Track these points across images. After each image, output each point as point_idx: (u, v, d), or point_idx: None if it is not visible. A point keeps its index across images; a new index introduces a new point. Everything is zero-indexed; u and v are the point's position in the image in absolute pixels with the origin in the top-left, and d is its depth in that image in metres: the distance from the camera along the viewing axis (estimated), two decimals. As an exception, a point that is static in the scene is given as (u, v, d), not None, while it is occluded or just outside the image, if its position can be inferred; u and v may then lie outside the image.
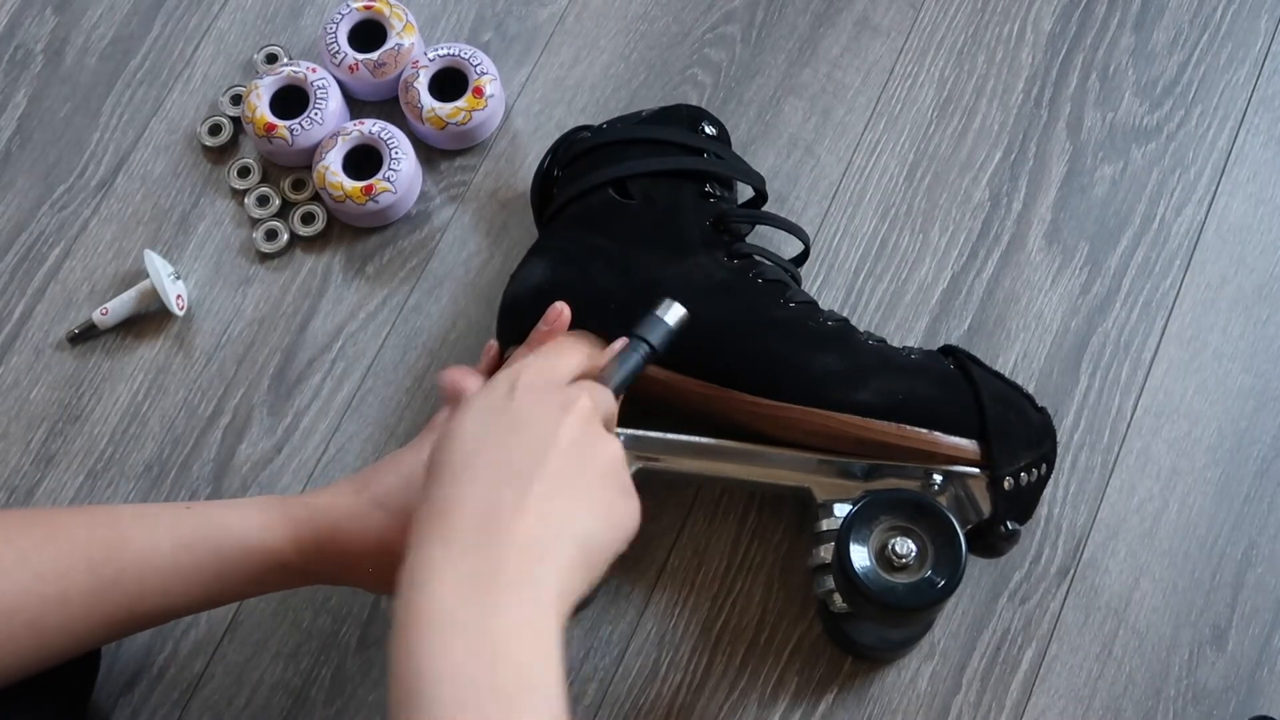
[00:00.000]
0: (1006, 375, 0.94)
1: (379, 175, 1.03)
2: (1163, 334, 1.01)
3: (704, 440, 0.91)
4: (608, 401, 0.78)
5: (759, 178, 0.98)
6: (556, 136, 1.03)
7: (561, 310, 0.87)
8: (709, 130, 0.98)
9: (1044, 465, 0.89)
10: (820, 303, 1.00)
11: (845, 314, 1.02)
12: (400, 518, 0.78)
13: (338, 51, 1.06)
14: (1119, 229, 1.04)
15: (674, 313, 0.84)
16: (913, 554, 0.83)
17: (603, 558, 0.71)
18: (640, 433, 0.91)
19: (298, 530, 0.81)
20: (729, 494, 0.98)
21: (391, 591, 0.68)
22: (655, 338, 0.83)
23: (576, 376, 0.78)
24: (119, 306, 1.03)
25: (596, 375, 0.80)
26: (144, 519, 0.81)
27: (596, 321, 0.90)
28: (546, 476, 0.70)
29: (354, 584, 0.84)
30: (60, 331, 1.04)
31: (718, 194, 0.96)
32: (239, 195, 1.07)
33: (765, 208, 1.00)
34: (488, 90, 1.05)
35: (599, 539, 0.71)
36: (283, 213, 1.06)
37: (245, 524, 0.81)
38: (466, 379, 0.82)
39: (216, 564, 0.80)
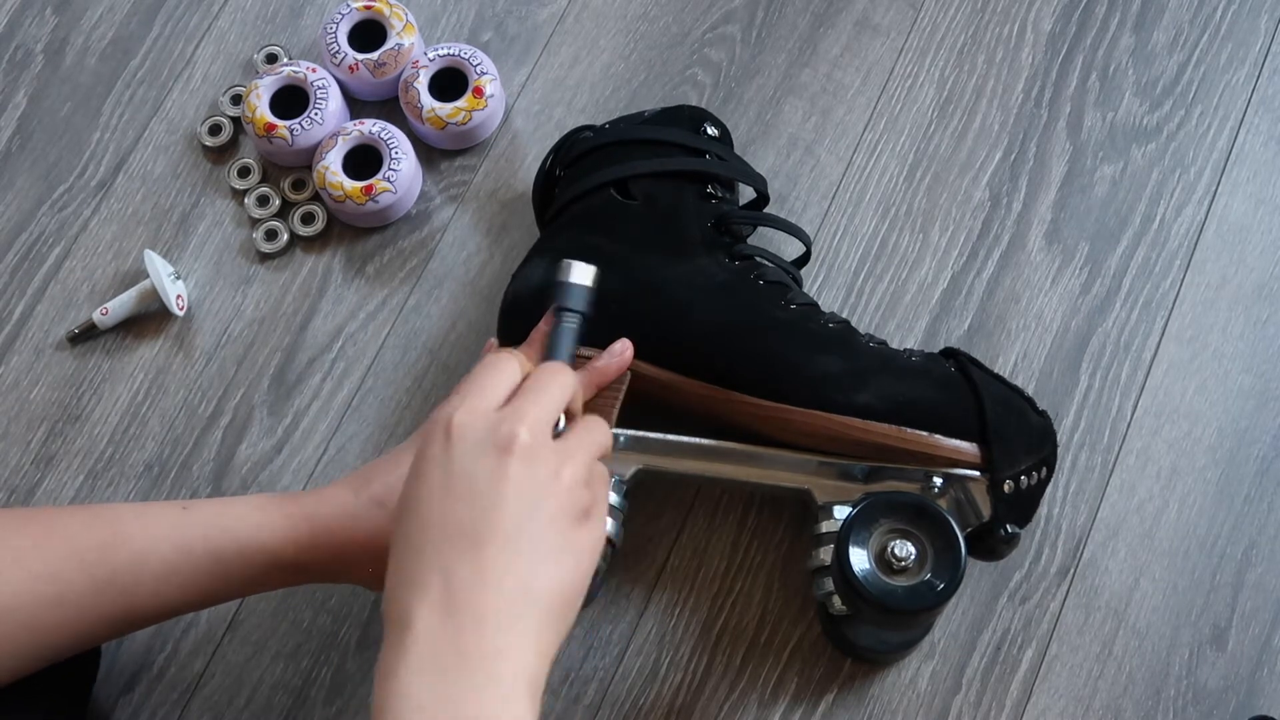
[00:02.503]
0: (1007, 377, 0.94)
1: (379, 175, 1.03)
2: (1163, 334, 1.01)
3: (704, 441, 0.91)
4: (550, 410, 0.73)
5: (760, 179, 0.98)
6: (557, 136, 1.03)
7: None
8: (711, 131, 0.98)
9: (1044, 469, 0.89)
10: (820, 302, 1.00)
11: (845, 314, 1.02)
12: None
13: (338, 51, 1.06)
14: (1119, 229, 1.04)
15: (580, 272, 0.83)
16: (912, 557, 0.83)
17: (574, 599, 0.69)
18: (640, 433, 0.91)
19: (295, 529, 0.81)
20: (729, 495, 0.98)
21: (362, 584, 0.79)
22: (576, 302, 0.82)
23: (512, 391, 0.74)
24: (119, 306, 1.03)
25: (533, 375, 0.75)
26: (141, 519, 0.80)
27: (593, 322, 0.90)
28: (497, 538, 0.67)
29: (353, 582, 0.84)
30: (60, 331, 1.04)
31: (719, 195, 0.96)
32: (239, 195, 1.07)
33: (765, 209, 1.00)
34: (488, 90, 1.05)
35: (566, 584, 0.69)
36: (283, 213, 1.06)
37: (242, 524, 0.80)
38: (485, 381, 0.74)
39: (213, 564, 0.80)
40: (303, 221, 1.06)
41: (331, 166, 1.03)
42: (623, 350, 0.86)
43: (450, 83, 1.06)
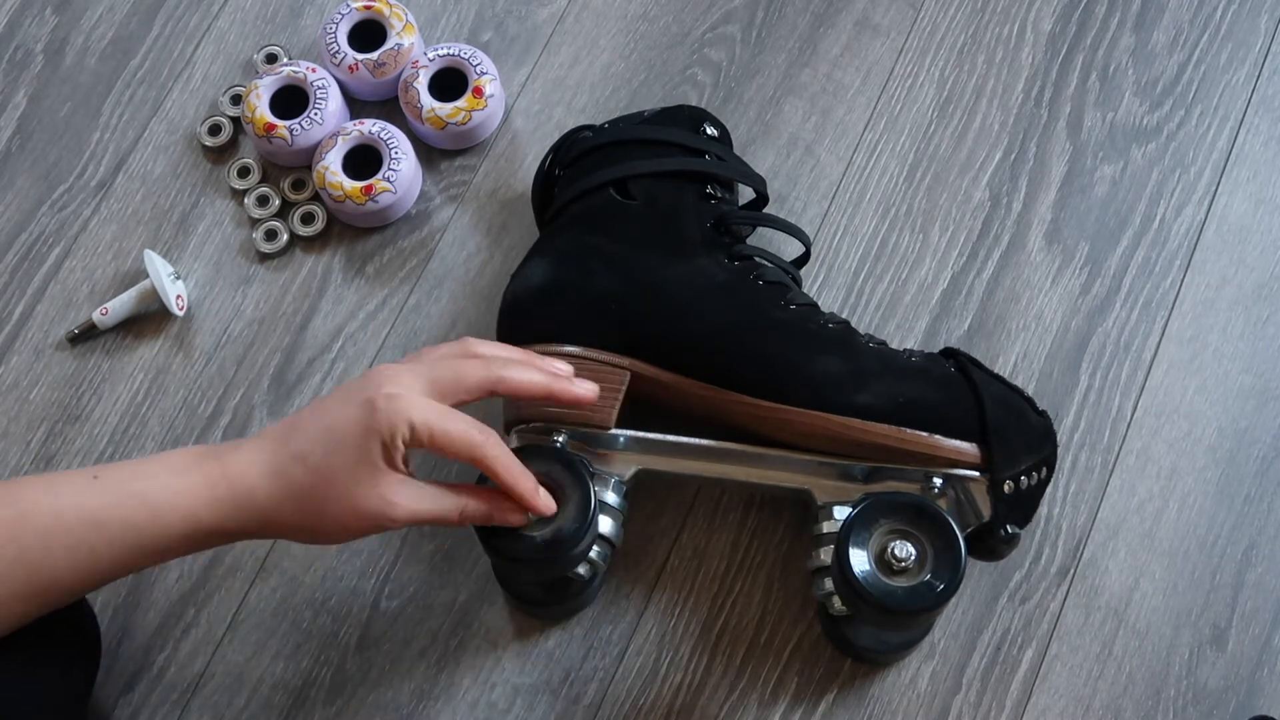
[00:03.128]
0: (1007, 377, 0.94)
1: (379, 175, 1.03)
2: (1163, 334, 1.01)
3: (704, 442, 0.91)
4: (442, 377, 0.80)
5: (760, 180, 0.98)
6: (556, 136, 1.03)
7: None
8: (710, 131, 0.98)
9: (1044, 469, 0.89)
10: (820, 302, 1.00)
11: (845, 314, 1.02)
12: (321, 474, 0.77)
13: (338, 51, 1.06)
14: (1119, 229, 1.04)
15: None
16: (912, 557, 0.83)
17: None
18: (640, 433, 0.91)
19: (213, 490, 0.78)
20: (729, 495, 0.98)
21: (321, 543, 0.81)
22: None
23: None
24: (119, 306, 1.03)
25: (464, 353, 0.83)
26: (49, 493, 0.77)
27: (596, 321, 0.90)
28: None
29: (276, 537, 0.83)
30: (60, 331, 1.04)
31: (719, 195, 0.96)
32: (239, 195, 1.07)
33: (765, 209, 1.00)
34: (488, 90, 1.05)
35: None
36: (283, 213, 1.06)
37: (157, 489, 0.77)
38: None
39: (128, 534, 0.77)
40: (303, 221, 1.06)
41: (331, 166, 1.03)
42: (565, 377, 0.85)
43: (450, 83, 1.06)
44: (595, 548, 0.89)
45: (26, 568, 0.75)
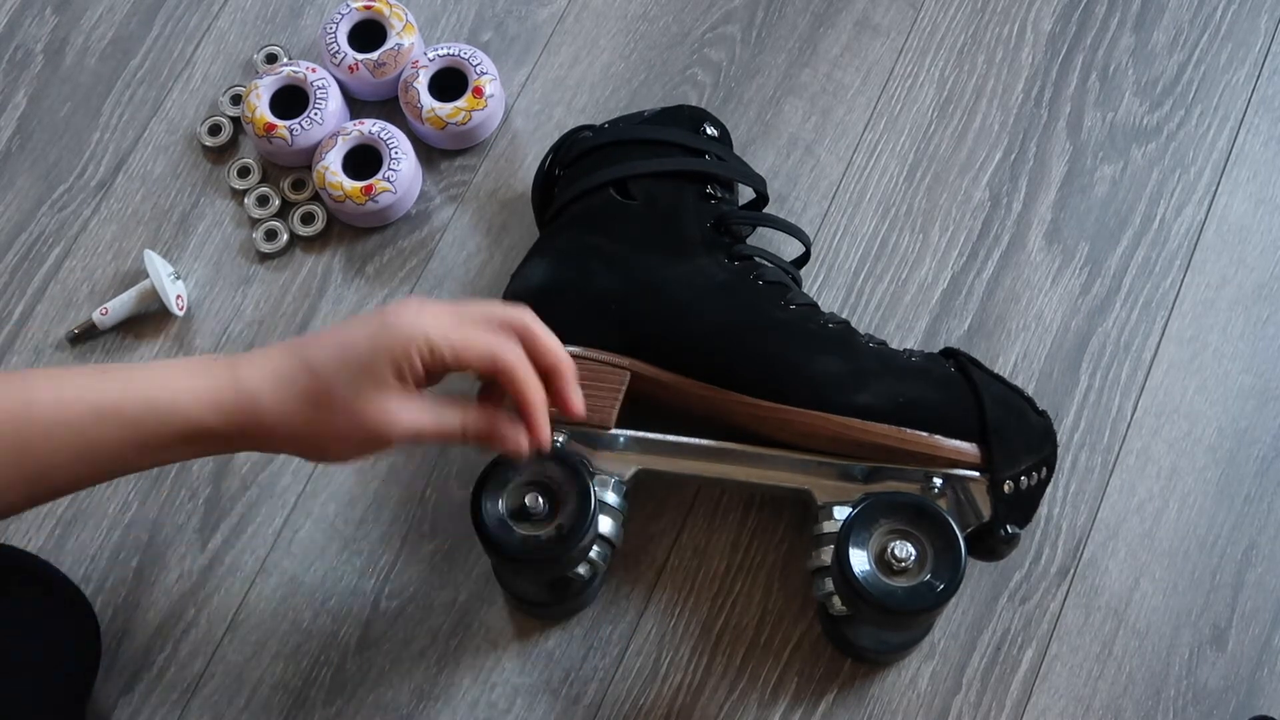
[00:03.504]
0: (1007, 377, 0.94)
1: (379, 175, 1.03)
2: (1163, 334, 1.01)
3: (704, 442, 0.91)
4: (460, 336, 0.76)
5: (760, 180, 0.98)
6: (556, 136, 1.03)
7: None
8: (710, 131, 0.98)
9: (1044, 469, 0.89)
10: (820, 302, 1.00)
11: (845, 314, 1.02)
12: (326, 382, 0.75)
13: (338, 51, 1.06)
14: (1119, 229, 1.04)
15: None
16: (912, 557, 0.83)
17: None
18: (640, 434, 0.91)
19: (218, 395, 0.75)
20: (729, 495, 0.98)
21: (320, 458, 0.78)
22: None
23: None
24: (119, 306, 1.03)
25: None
26: (56, 385, 0.76)
27: (597, 321, 0.90)
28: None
29: (279, 451, 0.82)
30: (60, 331, 1.04)
31: (719, 195, 0.96)
32: (239, 195, 1.07)
33: (765, 208, 1.00)
34: (487, 90, 1.05)
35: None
36: (282, 213, 1.06)
37: (161, 387, 0.76)
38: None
39: (127, 430, 0.75)
40: (302, 221, 1.06)
41: (331, 166, 1.03)
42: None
43: (450, 83, 1.06)
44: (595, 548, 0.89)
45: (28, 455, 0.74)
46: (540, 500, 0.86)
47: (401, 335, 0.75)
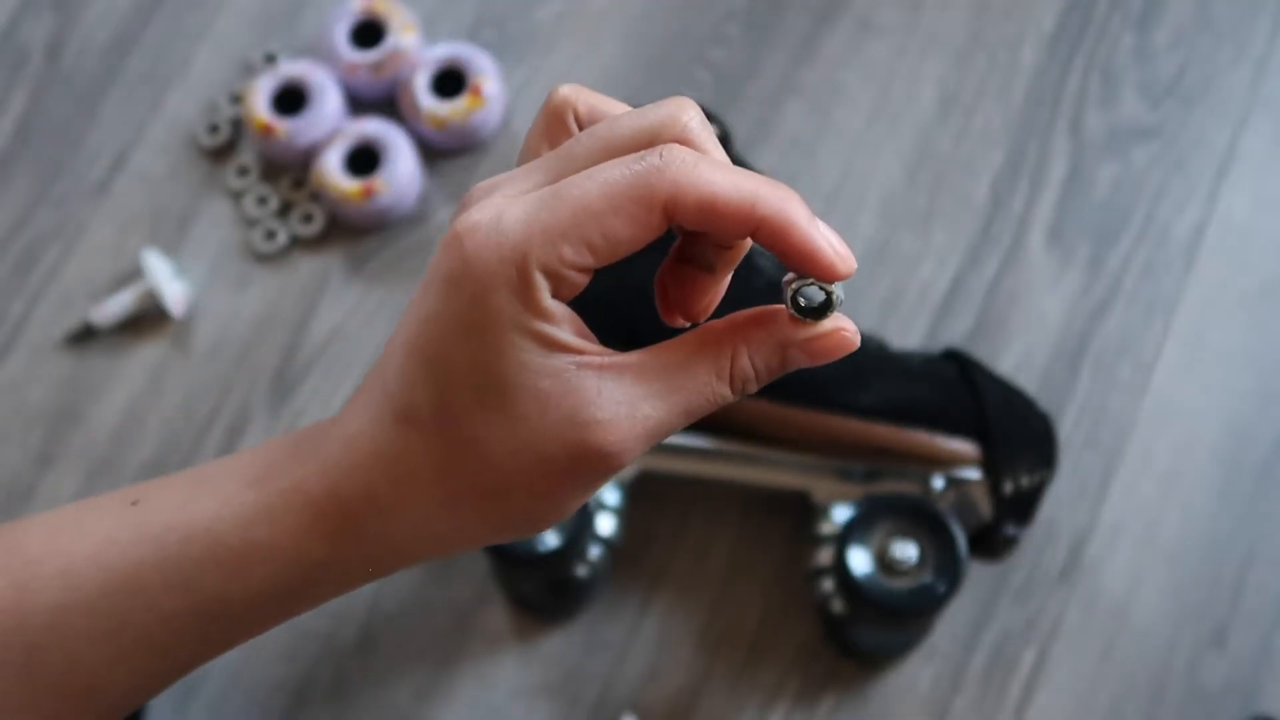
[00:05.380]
0: (1007, 377, 0.94)
1: (378, 175, 1.03)
2: (1164, 334, 1.01)
3: (704, 442, 0.91)
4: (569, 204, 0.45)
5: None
6: (556, 136, 1.03)
7: None
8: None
9: (1045, 470, 0.89)
10: (820, 303, 1.00)
11: (845, 314, 1.01)
12: (442, 430, 0.46)
13: (337, 51, 1.06)
14: (1120, 229, 1.04)
15: None
16: (913, 558, 0.83)
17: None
18: (640, 434, 0.91)
19: (317, 513, 0.47)
20: (729, 495, 0.98)
21: (521, 534, 0.48)
22: None
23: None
24: (117, 307, 1.03)
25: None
26: (57, 545, 0.49)
27: (595, 322, 0.90)
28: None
29: (446, 551, 0.49)
30: (58, 332, 1.04)
31: (718, 195, 0.95)
32: (238, 195, 1.07)
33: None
34: (487, 90, 1.05)
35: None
36: (282, 213, 1.06)
37: (236, 529, 0.48)
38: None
39: (193, 599, 0.49)
40: (302, 221, 1.05)
41: (330, 166, 1.03)
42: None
43: (450, 82, 1.06)
44: (595, 548, 0.89)
45: (49, 670, 0.49)
46: None
47: (495, 250, 0.44)
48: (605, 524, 0.89)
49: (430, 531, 0.47)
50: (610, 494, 0.89)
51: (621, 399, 0.46)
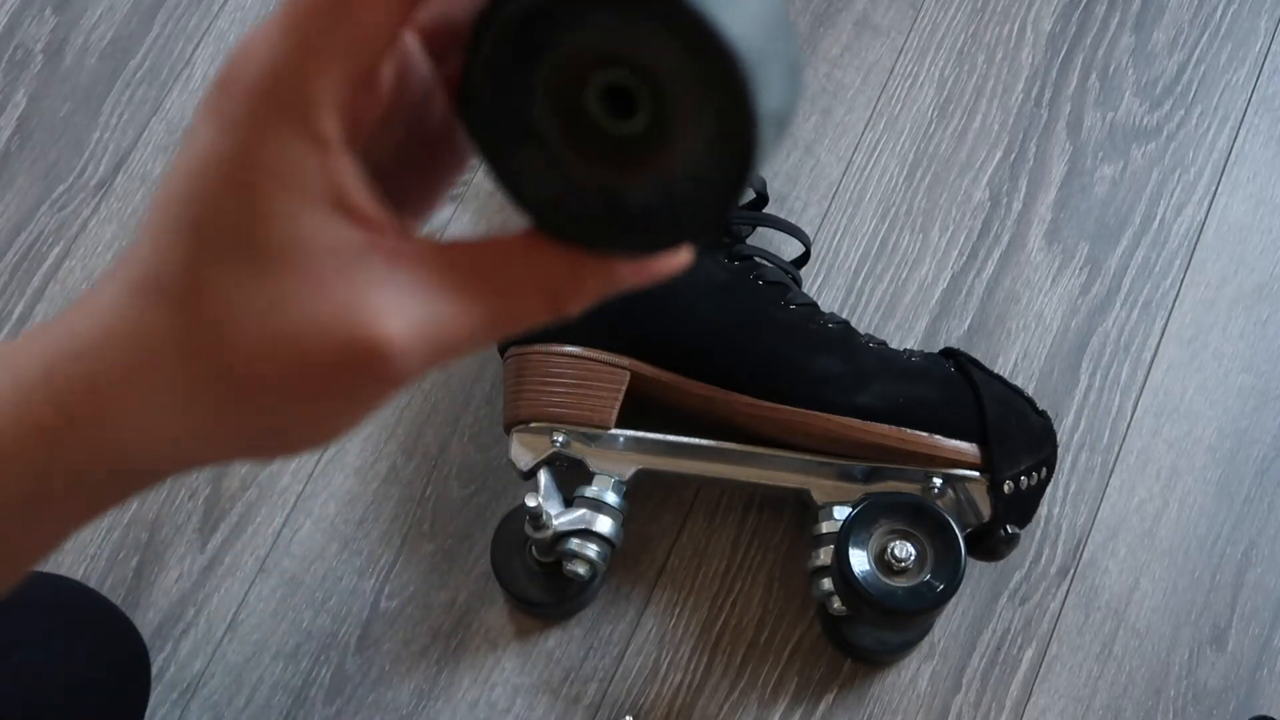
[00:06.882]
0: (1007, 377, 0.94)
1: (379, 175, 1.02)
2: (1163, 334, 1.01)
3: (704, 441, 0.91)
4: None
5: (760, 180, 0.98)
6: (556, 136, 1.03)
7: None
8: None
9: (1044, 469, 0.89)
10: (820, 302, 1.00)
11: (845, 314, 1.02)
12: (189, 304, 0.37)
13: (337, 51, 1.06)
14: (1119, 229, 1.04)
15: None
16: (912, 558, 0.83)
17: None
18: (640, 434, 0.91)
19: (25, 408, 0.38)
20: (729, 495, 0.98)
21: (280, 451, 0.40)
22: None
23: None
24: (119, 307, 1.03)
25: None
26: None
27: (596, 321, 0.90)
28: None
29: (159, 473, 0.41)
30: (60, 332, 1.04)
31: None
32: (239, 195, 1.07)
33: (765, 208, 1.00)
34: (487, 90, 1.05)
35: None
36: (282, 212, 1.06)
37: None
38: None
39: None
40: (302, 221, 1.05)
41: (331, 166, 1.03)
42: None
43: (450, 82, 1.06)
44: (595, 547, 0.89)
45: None
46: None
47: (264, 104, 0.36)
48: (605, 524, 0.89)
49: (167, 434, 0.38)
50: (610, 494, 0.89)
51: (414, 294, 0.37)
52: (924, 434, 0.87)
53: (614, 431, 0.90)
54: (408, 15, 0.36)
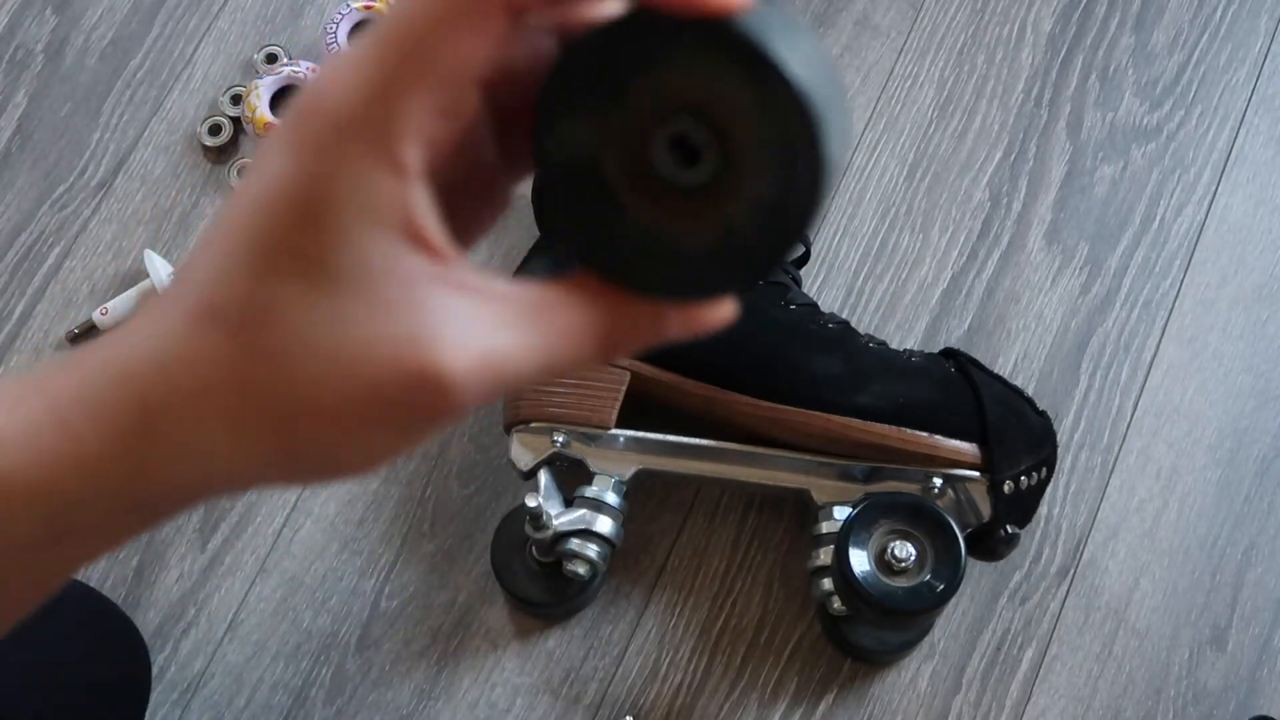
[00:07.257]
0: (1007, 377, 0.94)
1: (379, 175, 1.03)
2: (1163, 334, 1.01)
3: (704, 442, 0.91)
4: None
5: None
6: (556, 137, 1.03)
7: None
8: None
9: (1044, 469, 0.89)
10: (820, 302, 1.00)
11: (845, 314, 1.02)
12: (249, 332, 0.36)
13: (338, 51, 1.06)
14: (1119, 229, 1.04)
15: None
16: (912, 558, 0.83)
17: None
18: (640, 434, 0.91)
19: (68, 434, 0.36)
20: (729, 495, 0.98)
21: (322, 477, 0.38)
22: None
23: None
24: (119, 306, 1.03)
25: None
26: None
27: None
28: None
29: (196, 501, 0.39)
30: (60, 331, 1.04)
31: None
32: (239, 195, 1.07)
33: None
34: (488, 90, 1.05)
35: None
36: (282, 213, 1.06)
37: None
38: None
39: None
40: (302, 221, 1.05)
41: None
42: None
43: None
44: (595, 548, 0.89)
45: None
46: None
47: (342, 133, 0.35)
48: (605, 524, 0.89)
49: (214, 460, 0.37)
50: (610, 494, 0.89)
51: (476, 327, 0.36)
52: (924, 434, 0.87)
53: (614, 431, 0.90)
54: (500, 48, 0.36)
